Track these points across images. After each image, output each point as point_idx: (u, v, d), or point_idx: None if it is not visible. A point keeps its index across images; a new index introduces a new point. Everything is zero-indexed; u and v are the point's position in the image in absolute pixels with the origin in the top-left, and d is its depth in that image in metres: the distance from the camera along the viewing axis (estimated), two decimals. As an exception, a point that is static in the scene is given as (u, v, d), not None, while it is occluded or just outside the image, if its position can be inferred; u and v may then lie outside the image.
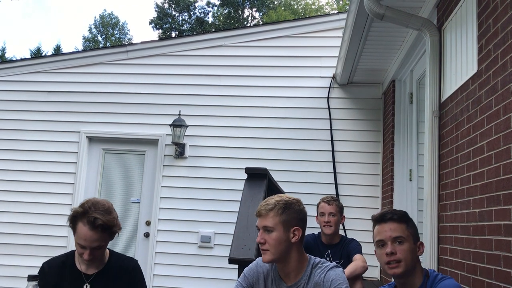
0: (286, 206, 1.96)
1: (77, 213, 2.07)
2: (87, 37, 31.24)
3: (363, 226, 4.99)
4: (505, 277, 2.00)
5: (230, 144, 5.36)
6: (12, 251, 5.32)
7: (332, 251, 3.27)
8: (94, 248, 2.06)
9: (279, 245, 1.92)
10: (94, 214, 2.03)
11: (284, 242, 1.93)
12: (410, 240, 1.82)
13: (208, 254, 5.18)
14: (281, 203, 1.96)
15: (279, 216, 1.93)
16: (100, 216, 2.03)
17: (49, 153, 5.56)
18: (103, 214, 2.05)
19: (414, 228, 1.87)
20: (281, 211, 1.94)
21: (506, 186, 2.05)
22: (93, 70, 5.73)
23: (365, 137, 5.22)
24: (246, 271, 2.09)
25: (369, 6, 3.09)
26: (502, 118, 2.12)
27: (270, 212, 1.94)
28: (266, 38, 5.57)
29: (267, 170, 3.37)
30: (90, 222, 2.02)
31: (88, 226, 2.02)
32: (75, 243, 2.10)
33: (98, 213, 2.04)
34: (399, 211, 1.92)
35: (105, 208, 2.09)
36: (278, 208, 1.94)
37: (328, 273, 1.93)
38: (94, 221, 2.02)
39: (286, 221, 1.94)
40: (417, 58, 4.03)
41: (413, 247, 1.82)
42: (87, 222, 2.02)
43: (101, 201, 2.12)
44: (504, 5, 2.16)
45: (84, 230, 2.03)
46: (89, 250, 2.05)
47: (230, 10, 28.42)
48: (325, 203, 3.34)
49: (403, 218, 1.87)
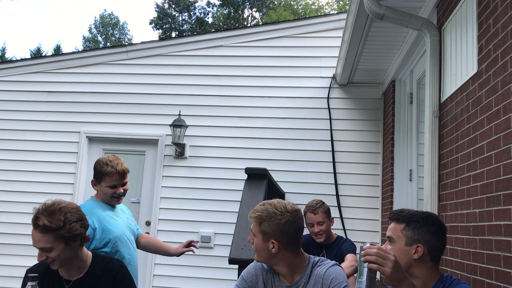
0: (267, 218, 1.94)
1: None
2: (87, 37, 31.27)
3: (363, 226, 5.01)
4: (505, 277, 2.00)
5: (230, 144, 5.36)
6: (12, 251, 5.32)
7: (327, 251, 3.28)
8: (44, 249, 2.02)
9: (261, 250, 1.95)
10: (38, 215, 2.02)
11: (264, 250, 1.95)
12: (402, 242, 1.79)
13: (208, 254, 5.18)
14: (264, 214, 1.95)
15: (258, 226, 1.95)
16: (41, 216, 2.00)
17: (49, 153, 5.56)
18: (45, 216, 2.00)
19: (415, 230, 1.80)
20: (260, 222, 1.95)
21: (506, 186, 2.05)
22: (93, 70, 5.73)
23: (365, 137, 5.22)
24: (245, 274, 2.08)
25: (369, 6, 3.09)
26: (502, 118, 2.12)
27: (253, 220, 1.98)
28: (266, 38, 5.57)
29: (267, 170, 3.38)
30: (33, 222, 2.03)
31: (33, 226, 2.03)
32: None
33: (42, 213, 2.01)
34: (410, 211, 1.87)
35: (51, 210, 2.04)
36: (258, 218, 1.96)
37: (328, 271, 1.92)
38: (35, 220, 2.02)
39: (264, 232, 1.94)
40: (417, 58, 4.03)
41: (404, 249, 1.77)
42: (32, 221, 2.04)
43: (52, 203, 2.07)
44: (504, 5, 2.16)
45: (32, 230, 2.04)
46: (39, 251, 2.04)
47: (230, 10, 28.44)
48: (311, 213, 3.25)
49: (404, 219, 1.83)
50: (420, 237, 1.79)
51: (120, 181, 2.64)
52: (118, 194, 2.65)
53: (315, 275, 1.94)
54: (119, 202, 2.73)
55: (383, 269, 1.50)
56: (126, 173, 2.66)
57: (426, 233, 1.80)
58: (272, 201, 2.02)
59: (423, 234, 1.80)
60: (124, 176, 2.65)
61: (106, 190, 2.63)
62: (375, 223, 5.04)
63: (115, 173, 2.59)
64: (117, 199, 2.68)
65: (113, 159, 2.64)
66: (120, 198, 2.70)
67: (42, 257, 2.03)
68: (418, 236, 1.79)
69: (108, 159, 2.64)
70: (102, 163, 2.63)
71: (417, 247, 1.78)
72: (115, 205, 2.73)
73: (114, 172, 2.59)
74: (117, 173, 2.60)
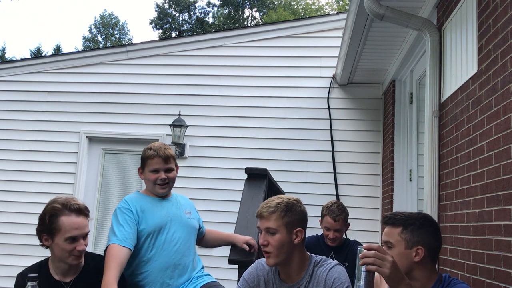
0: (288, 208, 1.95)
1: (55, 209, 2.03)
2: (87, 37, 31.27)
3: (363, 226, 5.00)
4: (505, 277, 2.00)
5: (230, 144, 5.36)
6: (12, 251, 5.31)
7: (335, 253, 3.26)
8: (86, 235, 2.07)
9: (282, 247, 1.91)
10: (74, 201, 2.06)
11: (287, 244, 1.92)
12: (401, 245, 1.78)
13: (208, 254, 5.17)
14: (283, 205, 1.94)
15: (281, 219, 1.92)
16: (78, 202, 2.07)
17: (49, 153, 5.56)
18: (77, 201, 2.09)
19: (413, 232, 1.79)
20: (284, 213, 1.93)
21: (506, 186, 2.05)
22: (93, 70, 5.73)
23: (365, 137, 5.22)
24: (246, 275, 2.07)
25: (369, 6, 3.09)
26: (502, 118, 2.12)
27: (273, 214, 1.93)
28: (266, 38, 5.57)
29: (267, 170, 3.37)
30: (75, 210, 2.04)
31: (74, 214, 2.03)
32: (60, 244, 2.02)
33: (74, 201, 2.07)
34: (405, 214, 1.85)
35: (73, 197, 2.13)
36: (280, 210, 1.93)
37: (331, 271, 1.91)
38: (79, 207, 2.04)
39: (288, 223, 1.92)
40: (417, 58, 4.03)
41: (404, 252, 1.77)
42: (72, 211, 2.03)
43: (61, 197, 2.12)
44: (504, 5, 2.16)
45: (71, 219, 2.02)
46: (81, 239, 2.03)
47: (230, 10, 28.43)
48: (331, 219, 3.19)
49: (400, 222, 1.82)
50: (419, 239, 1.79)
51: (163, 165, 2.49)
52: (161, 181, 2.49)
53: (317, 275, 1.93)
54: (165, 190, 2.54)
55: (382, 270, 1.49)
56: (170, 158, 2.52)
57: (425, 234, 1.80)
58: (277, 196, 2.04)
59: (422, 236, 1.79)
60: (167, 161, 2.50)
61: (149, 176, 2.51)
62: (375, 223, 5.04)
63: (156, 155, 2.48)
64: (161, 186, 2.51)
65: (158, 144, 2.57)
66: (165, 186, 2.52)
67: (83, 246, 2.04)
68: (417, 238, 1.79)
69: (153, 144, 2.57)
70: (146, 148, 2.57)
71: (417, 249, 1.77)
72: (161, 193, 2.54)
73: (155, 155, 2.48)
74: (159, 156, 2.48)
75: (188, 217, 2.60)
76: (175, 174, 2.57)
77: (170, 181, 2.53)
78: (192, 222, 2.62)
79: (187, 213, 2.61)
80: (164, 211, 2.51)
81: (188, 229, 2.57)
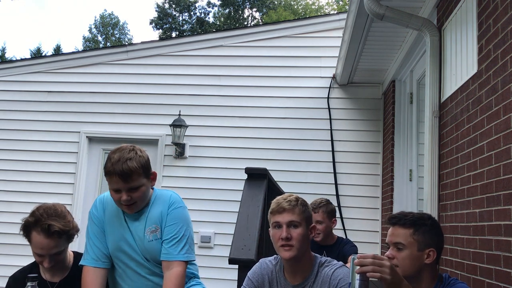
0: (305, 204, 2.01)
1: (28, 222, 1.96)
2: (87, 37, 31.26)
3: (363, 226, 5.00)
4: (505, 277, 2.00)
5: (230, 144, 5.36)
6: (12, 251, 5.31)
7: (327, 253, 3.26)
8: (54, 254, 1.99)
9: (303, 241, 1.94)
10: (48, 221, 1.93)
11: (306, 239, 1.96)
12: (414, 247, 1.75)
13: (208, 254, 5.18)
14: (301, 201, 2.00)
15: (303, 213, 1.97)
16: (54, 222, 1.94)
17: (49, 153, 5.56)
18: (57, 220, 1.96)
19: (425, 234, 1.77)
20: (304, 208, 1.98)
21: (506, 186, 2.05)
22: (93, 70, 5.72)
23: (365, 137, 5.22)
24: (250, 274, 2.07)
25: (369, 6, 3.09)
26: (502, 118, 2.12)
27: (296, 208, 1.96)
28: (266, 38, 5.57)
29: (267, 170, 3.37)
30: (45, 230, 1.93)
31: (43, 234, 1.93)
32: (32, 252, 2.01)
33: (52, 219, 1.94)
34: (414, 215, 1.83)
35: (57, 213, 1.99)
36: (301, 205, 1.98)
37: (336, 271, 1.92)
38: (48, 228, 1.92)
39: (307, 218, 1.99)
40: (417, 58, 4.03)
41: (416, 254, 1.74)
42: (41, 230, 1.93)
43: (52, 207, 2.03)
44: (504, 5, 2.16)
45: (39, 238, 1.94)
46: (48, 258, 1.97)
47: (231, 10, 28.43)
48: (312, 211, 3.24)
49: (411, 223, 1.78)
50: (431, 241, 1.76)
51: (123, 185, 1.99)
52: (125, 201, 2.01)
53: (322, 275, 1.93)
54: (132, 211, 2.07)
55: (383, 276, 1.47)
56: (131, 175, 1.99)
57: (435, 236, 1.78)
58: (286, 194, 2.07)
59: (433, 237, 1.77)
60: (127, 179, 1.98)
61: (111, 194, 2.06)
62: (375, 223, 5.04)
63: (113, 173, 1.98)
64: (127, 207, 2.04)
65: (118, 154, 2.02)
66: (131, 206, 2.04)
67: (50, 263, 1.97)
68: (429, 240, 1.76)
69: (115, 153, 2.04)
70: (108, 155, 2.07)
71: (429, 251, 1.75)
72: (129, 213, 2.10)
73: (112, 172, 1.98)
74: (115, 174, 1.97)
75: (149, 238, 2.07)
76: (144, 189, 2.04)
77: (137, 200, 2.03)
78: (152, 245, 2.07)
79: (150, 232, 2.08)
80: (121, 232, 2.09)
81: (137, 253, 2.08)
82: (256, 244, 2.65)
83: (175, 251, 2.05)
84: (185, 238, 2.09)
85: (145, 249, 2.08)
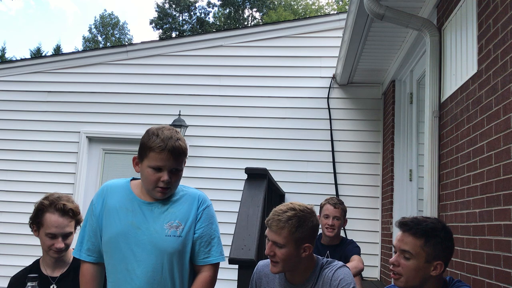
0: (300, 224, 1.86)
1: (44, 205, 2.12)
2: (87, 37, 31.27)
3: (363, 226, 5.00)
4: (505, 277, 2.00)
5: (230, 144, 5.35)
6: (12, 251, 5.31)
7: (331, 252, 3.27)
8: (66, 235, 2.10)
9: (288, 259, 1.89)
10: (62, 201, 2.11)
11: (294, 257, 1.89)
12: (421, 258, 1.69)
13: (208, 254, 5.17)
14: (294, 221, 1.86)
15: (291, 235, 1.85)
16: (67, 203, 2.12)
17: (49, 153, 5.56)
18: (70, 202, 2.14)
19: (436, 246, 1.70)
20: (294, 230, 1.85)
21: (506, 186, 2.05)
22: (93, 70, 5.73)
23: (365, 137, 5.22)
24: (253, 277, 2.11)
25: (369, 6, 3.09)
26: (502, 118, 2.12)
27: (282, 230, 1.85)
28: (266, 38, 5.57)
29: (267, 170, 3.37)
30: (60, 209, 2.09)
31: (58, 213, 2.09)
32: (42, 238, 2.11)
33: (65, 201, 2.13)
34: (428, 224, 1.76)
35: (69, 199, 2.17)
36: (291, 227, 1.85)
37: (336, 272, 1.92)
38: (63, 207, 2.09)
39: (298, 239, 1.87)
40: (417, 58, 4.03)
41: (422, 266, 1.69)
42: (56, 210, 2.09)
43: (64, 195, 2.20)
44: (504, 5, 2.16)
45: (54, 217, 2.08)
46: (60, 237, 2.09)
47: (231, 10, 28.43)
48: (331, 206, 3.23)
49: (423, 233, 1.72)
50: (441, 254, 1.71)
51: (170, 163, 1.85)
52: (164, 183, 1.85)
53: (324, 277, 1.93)
54: (165, 195, 1.91)
55: None
56: (182, 155, 1.87)
57: (446, 248, 1.73)
58: (290, 204, 1.93)
59: (444, 251, 1.72)
60: (178, 158, 1.86)
61: (147, 173, 1.86)
62: (375, 223, 5.04)
63: (164, 149, 1.82)
64: (162, 190, 1.88)
65: (167, 132, 1.86)
66: (166, 190, 1.89)
67: (61, 244, 2.09)
68: (439, 253, 1.71)
69: (160, 129, 1.88)
70: (151, 132, 1.89)
71: (437, 264, 1.70)
72: (158, 198, 1.92)
73: (163, 147, 1.82)
74: (167, 150, 1.82)
75: (167, 233, 1.87)
76: (181, 175, 1.95)
77: (173, 185, 1.92)
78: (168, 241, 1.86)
79: (170, 227, 1.89)
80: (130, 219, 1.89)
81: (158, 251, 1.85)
82: (256, 244, 2.65)
83: (217, 253, 1.99)
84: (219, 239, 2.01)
85: (154, 242, 1.85)
